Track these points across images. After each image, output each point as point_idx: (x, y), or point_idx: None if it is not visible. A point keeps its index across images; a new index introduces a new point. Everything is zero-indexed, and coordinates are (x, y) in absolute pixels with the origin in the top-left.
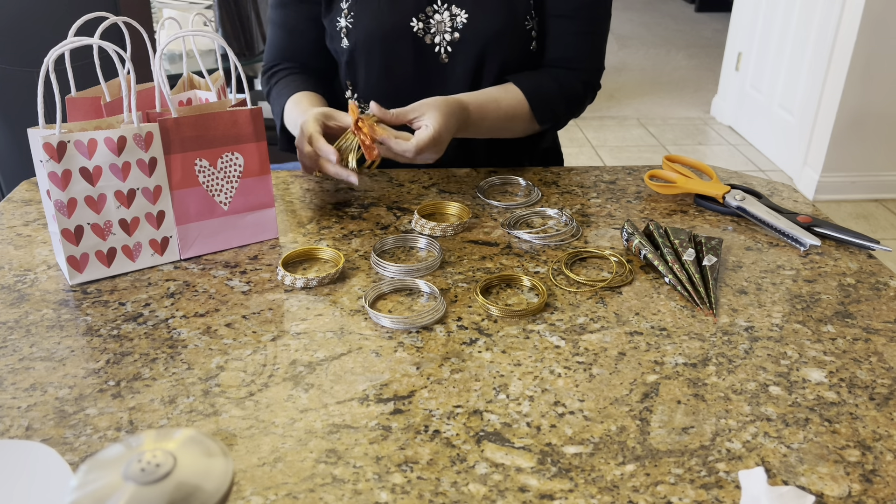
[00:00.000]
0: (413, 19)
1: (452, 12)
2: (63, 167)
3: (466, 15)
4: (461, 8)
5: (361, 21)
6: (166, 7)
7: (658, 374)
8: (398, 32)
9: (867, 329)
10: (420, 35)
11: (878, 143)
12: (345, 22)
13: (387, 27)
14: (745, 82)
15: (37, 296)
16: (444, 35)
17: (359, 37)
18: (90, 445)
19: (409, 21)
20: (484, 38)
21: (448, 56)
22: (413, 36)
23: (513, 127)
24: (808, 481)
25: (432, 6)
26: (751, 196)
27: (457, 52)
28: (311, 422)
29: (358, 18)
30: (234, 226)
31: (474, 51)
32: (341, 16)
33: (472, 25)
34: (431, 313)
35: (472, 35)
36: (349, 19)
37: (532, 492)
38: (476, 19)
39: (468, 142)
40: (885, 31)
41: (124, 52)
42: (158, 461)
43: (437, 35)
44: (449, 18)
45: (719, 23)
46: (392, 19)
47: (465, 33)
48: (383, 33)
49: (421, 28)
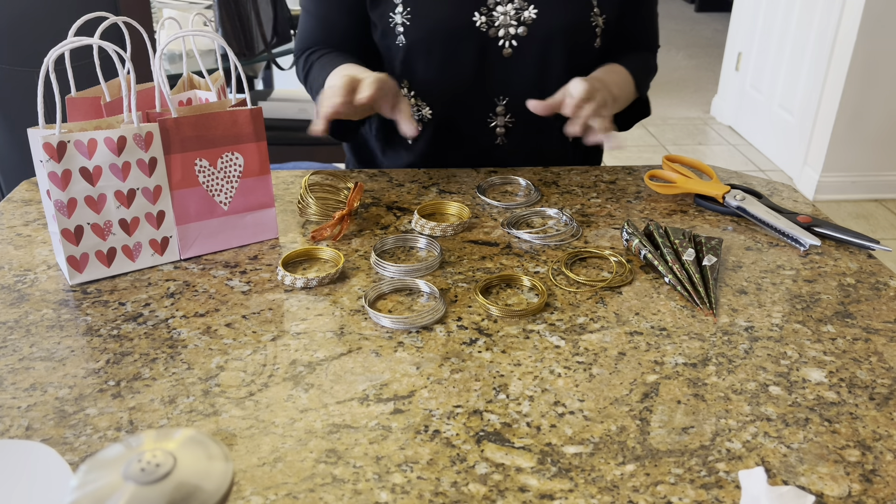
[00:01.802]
0: (476, 13)
1: (517, 5)
2: (63, 167)
3: (535, 10)
4: (528, 2)
5: (420, 17)
6: (166, 7)
7: (658, 374)
8: (460, 28)
9: (867, 329)
10: (483, 29)
11: (878, 143)
12: (400, 19)
13: (449, 23)
14: (745, 82)
15: (37, 296)
16: (508, 29)
17: (417, 34)
18: (90, 445)
19: (471, 15)
20: (550, 33)
21: (512, 49)
22: (476, 31)
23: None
24: (808, 481)
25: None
26: (751, 196)
27: (522, 47)
28: (311, 422)
29: (416, 15)
30: (234, 226)
31: (540, 46)
32: (395, 11)
33: (541, 20)
34: (431, 313)
35: (539, 30)
36: (406, 16)
37: (532, 492)
38: (545, 14)
39: (519, 138)
40: (885, 31)
41: (124, 52)
42: (158, 461)
43: (502, 28)
44: (514, 11)
45: (719, 23)
46: (454, 14)
47: (532, 28)
48: (445, 29)
49: (484, 22)
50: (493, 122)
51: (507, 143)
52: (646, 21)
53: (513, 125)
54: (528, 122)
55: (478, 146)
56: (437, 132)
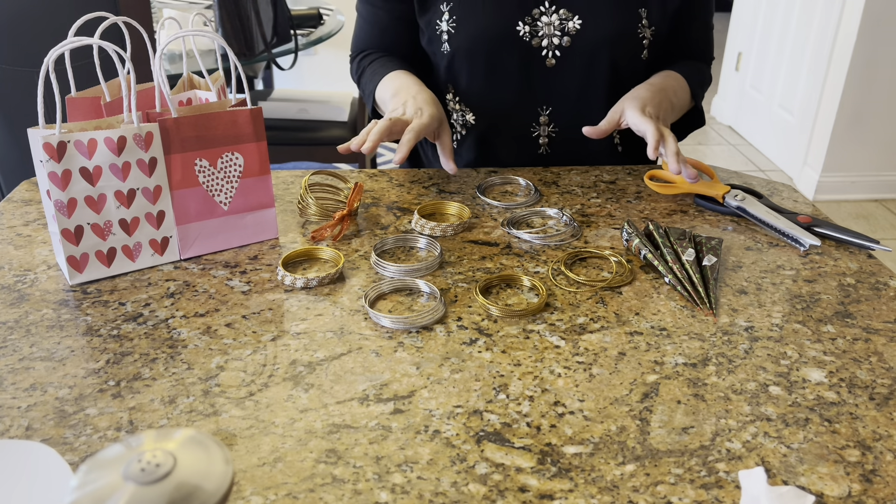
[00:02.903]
0: (519, 23)
1: (561, 15)
2: (63, 167)
3: (580, 21)
4: (573, 12)
5: (464, 25)
6: (166, 7)
7: (658, 374)
8: (504, 37)
9: (867, 329)
10: (527, 39)
11: (878, 143)
12: (446, 26)
13: (492, 32)
14: (745, 82)
15: (37, 296)
16: (552, 39)
17: (461, 42)
18: (90, 445)
19: (515, 25)
20: (595, 44)
21: (556, 60)
22: (519, 40)
23: (684, 104)
24: (808, 481)
25: (539, 7)
26: (751, 196)
27: (565, 57)
28: (311, 422)
29: (460, 23)
30: (234, 226)
31: (584, 57)
32: (441, 19)
33: (585, 31)
34: (431, 313)
35: (583, 41)
36: (451, 24)
37: (532, 492)
38: (589, 25)
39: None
40: (885, 31)
41: (124, 52)
42: (158, 461)
43: (546, 38)
44: (558, 21)
45: (719, 23)
46: (497, 23)
47: (576, 39)
48: (489, 38)
49: (527, 32)
50: (536, 131)
51: (551, 152)
52: (700, 33)
53: (556, 135)
54: (572, 132)
55: (521, 155)
56: (480, 139)
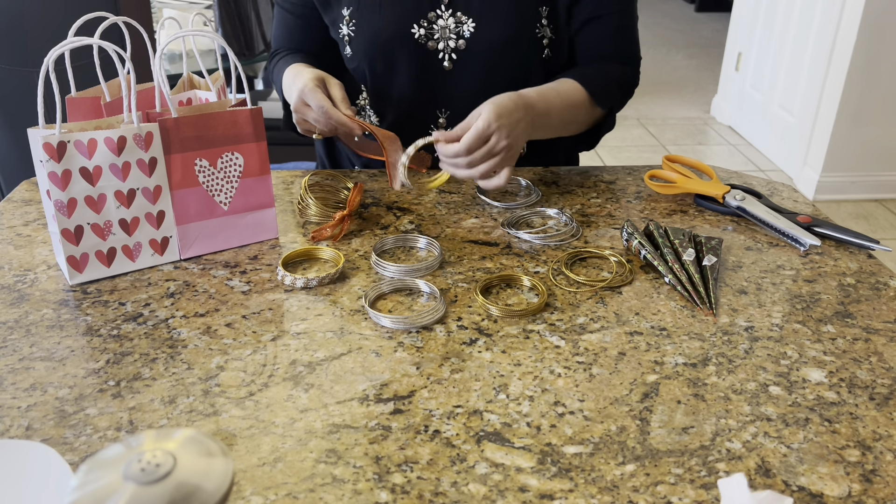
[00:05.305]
0: (414, 25)
1: (458, 19)
2: (63, 167)
3: (473, 24)
4: (468, 16)
5: (362, 28)
6: (166, 7)
7: (658, 374)
8: (398, 39)
9: (867, 329)
10: (422, 42)
11: (878, 142)
12: (346, 29)
13: (388, 34)
14: (745, 82)
15: (37, 296)
16: (448, 42)
17: (360, 44)
18: (90, 445)
19: (410, 27)
20: (490, 46)
21: (452, 63)
22: (415, 42)
23: (577, 117)
24: (808, 481)
25: (435, 11)
26: (751, 196)
27: (462, 60)
28: (311, 422)
29: (359, 26)
30: (234, 226)
31: (480, 59)
32: (343, 22)
33: (479, 34)
34: (431, 313)
35: (478, 44)
36: (351, 27)
37: (532, 492)
38: (483, 28)
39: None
40: (885, 31)
41: (124, 52)
42: (158, 461)
43: (441, 41)
44: (454, 24)
45: (719, 23)
46: (392, 26)
47: (471, 42)
48: (383, 40)
49: (423, 34)
50: None
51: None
52: (616, 32)
53: None
54: None
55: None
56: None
